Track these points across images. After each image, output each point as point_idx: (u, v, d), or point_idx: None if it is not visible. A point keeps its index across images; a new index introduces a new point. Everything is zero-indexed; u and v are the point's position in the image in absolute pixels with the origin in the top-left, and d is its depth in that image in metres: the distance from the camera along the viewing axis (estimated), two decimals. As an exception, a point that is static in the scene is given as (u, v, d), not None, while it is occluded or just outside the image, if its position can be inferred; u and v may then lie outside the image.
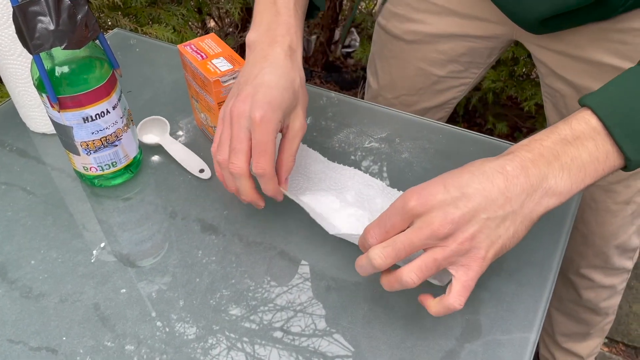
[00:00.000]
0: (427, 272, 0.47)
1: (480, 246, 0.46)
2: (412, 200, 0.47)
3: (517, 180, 0.46)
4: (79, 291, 0.60)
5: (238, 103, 0.56)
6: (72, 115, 0.62)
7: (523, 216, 0.47)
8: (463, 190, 0.46)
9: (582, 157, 0.47)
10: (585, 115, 0.48)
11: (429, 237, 0.46)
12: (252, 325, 0.56)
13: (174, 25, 1.31)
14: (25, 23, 0.55)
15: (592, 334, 1.10)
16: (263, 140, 0.55)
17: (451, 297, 0.48)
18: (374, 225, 0.50)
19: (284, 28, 0.61)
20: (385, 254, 0.48)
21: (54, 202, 0.69)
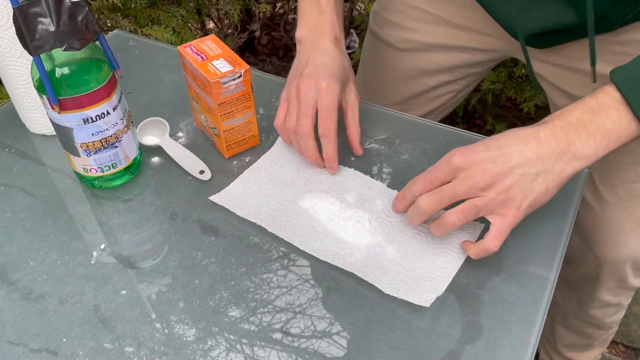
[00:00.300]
0: (467, 215, 0.55)
1: (516, 198, 0.53)
2: (456, 155, 0.54)
3: (549, 144, 0.54)
4: (79, 293, 0.59)
5: (304, 79, 0.66)
6: (72, 117, 0.62)
7: (554, 175, 0.54)
8: (501, 150, 0.54)
9: (607, 125, 0.54)
10: (610, 89, 0.55)
11: (470, 187, 0.54)
12: (252, 327, 0.56)
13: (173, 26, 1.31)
14: (25, 24, 0.55)
15: (594, 345, 1.09)
16: (328, 105, 0.65)
17: (488, 240, 0.55)
18: (420, 177, 0.58)
19: (329, 24, 0.71)
20: (432, 199, 0.56)
21: (54, 204, 0.69)
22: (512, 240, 0.63)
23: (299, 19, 0.73)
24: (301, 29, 0.72)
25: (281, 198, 0.67)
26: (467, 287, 0.59)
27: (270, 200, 0.67)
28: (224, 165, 0.73)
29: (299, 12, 0.73)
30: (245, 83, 0.67)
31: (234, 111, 0.69)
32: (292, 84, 0.68)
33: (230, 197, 0.67)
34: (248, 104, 0.70)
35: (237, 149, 0.73)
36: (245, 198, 0.67)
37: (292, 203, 0.66)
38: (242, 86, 0.67)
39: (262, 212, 0.65)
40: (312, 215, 0.65)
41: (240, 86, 0.67)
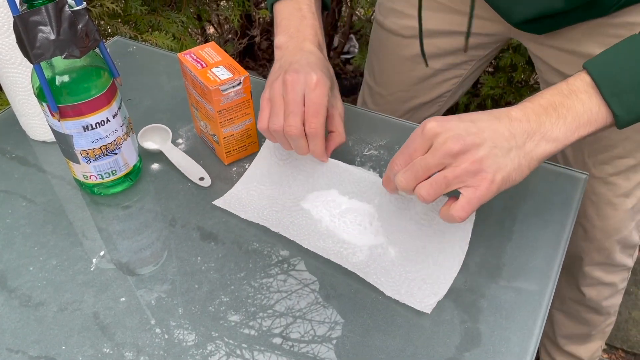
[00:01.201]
0: (437, 188, 0.53)
1: (488, 170, 0.52)
2: (430, 122, 0.53)
3: (520, 123, 0.53)
4: (79, 299, 0.60)
5: (291, 73, 0.62)
6: (72, 124, 0.62)
7: (525, 153, 0.53)
8: (475, 122, 0.53)
9: (577, 107, 0.54)
10: (581, 73, 0.55)
11: (443, 157, 0.52)
12: (252, 332, 0.57)
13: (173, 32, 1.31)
14: (26, 32, 0.55)
15: (593, 335, 1.10)
16: (317, 102, 0.61)
17: (454, 208, 0.53)
18: (398, 154, 0.56)
19: (312, 30, 0.68)
20: (406, 177, 0.54)
21: (53, 210, 0.69)
22: (511, 247, 0.63)
23: (277, 27, 0.69)
24: (281, 36, 0.68)
25: (283, 199, 0.67)
26: (465, 294, 0.59)
27: (272, 201, 0.67)
28: (223, 172, 0.73)
29: (278, 20, 0.70)
30: (245, 90, 0.68)
31: (233, 118, 0.69)
32: (277, 81, 0.63)
33: (233, 200, 0.68)
34: (247, 111, 0.70)
35: (237, 155, 0.73)
36: (248, 201, 0.68)
37: (294, 204, 0.67)
38: (242, 93, 0.68)
39: (266, 214, 0.66)
40: (314, 216, 0.65)
41: (239, 93, 0.67)
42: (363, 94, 1.06)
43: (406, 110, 0.99)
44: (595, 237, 0.91)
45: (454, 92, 0.97)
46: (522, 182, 0.54)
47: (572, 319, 1.08)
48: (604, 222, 0.88)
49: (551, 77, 0.83)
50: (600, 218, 0.88)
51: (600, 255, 0.93)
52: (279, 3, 0.70)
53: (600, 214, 0.88)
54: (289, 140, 0.63)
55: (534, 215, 0.66)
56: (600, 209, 0.87)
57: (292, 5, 0.69)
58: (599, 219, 0.88)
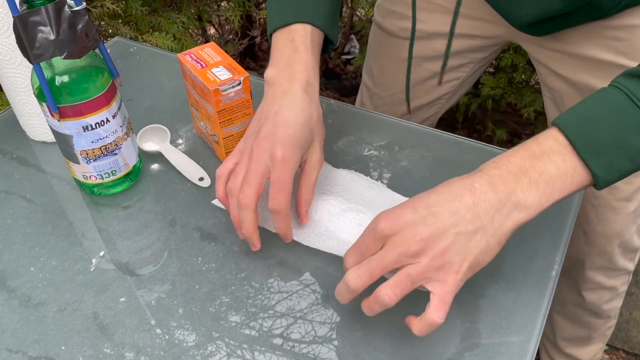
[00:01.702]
0: (402, 288, 0.48)
1: (454, 260, 0.48)
2: (382, 222, 0.49)
3: (486, 196, 0.48)
4: (78, 300, 0.60)
5: (259, 140, 0.58)
6: (72, 124, 0.62)
7: (493, 230, 0.48)
8: (431, 209, 0.48)
9: (550, 171, 0.49)
10: (553, 133, 0.50)
11: (401, 255, 0.48)
12: (252, 332, 0.56)
13: (174, 33, 1.31)
14: (25, 33, 0.55)
15: (593, 338, 1.10)
16: (282, 178, 0.57)
17: (430, 312, 0.48)
18: (350, 250, 0.52)
19: (302, 65, 0.63)
20: (359, 273, 0.49)
21: (53, 211, 0.69)
22: (511, 248, 0.63)
23: (271, 57, 0.66)
24: (270, 69, 0.64)
25: None
26: (465, 295, 0.59)
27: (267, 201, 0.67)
28: (223, 172, 0.73)
29: (272, 51, 0.66)
30: (245, 90, 0.68)
31: (233, 118, 0.69)
32: (249, 139, 0.60)
33: None
34: (247, 111, 0.70)
35: (237, 155, 0.73)
36: None
37: (294, 206, 0.67)
38: (242, 93, 0.68)
39: (265, 215, 0.66)
40: (314, 217, 0.65)
41: (239, 93, 0.67)
42: (362, 95, 1.06)
43: (404, 111, 0.99)
44: (596, 241, 0.90)
45: (452, 93, 0.97)
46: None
47: (573, 322, 1.08)
48: (605, 226, 0.88)
49: (551, 80, 0.83)
50: (601, 222, 0.88)
51: (601, 260, 0.93)
52: (275, 33, 0.67)
53: (601, 217, 0.87)
54: (239, 209, 0.58)
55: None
56: (601, 213, 0.87)
57: (286, 36, 0.65)
58: (600, 223, 0.88)
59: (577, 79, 0.78)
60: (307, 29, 0.65)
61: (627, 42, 0.70)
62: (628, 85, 0.49)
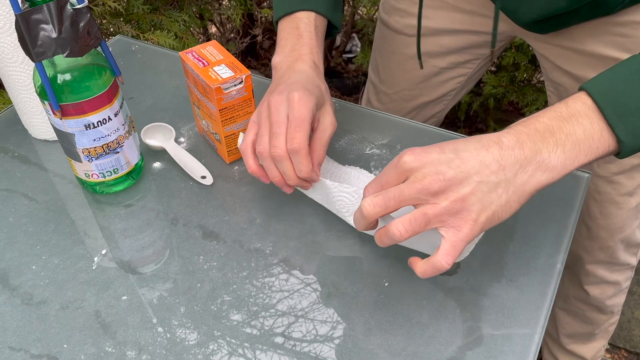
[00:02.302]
0: (415, 226, 0.48)
1: (472, 208, 0.47)
2: (407, 155, 0.48)
3: (512, 151, 0.48)
4: (80, 298, 0.60)
5: (274, 95, 0.60)
6: (74, 123, 0.62)
7: (515, 187, 0.48)
8: (459, 153, 0.48)
9: (577, 133, 0.48)
10: (581, 96, 0.50)
11: (420, 192, 0.47)
12: (254, 331, 0.56)
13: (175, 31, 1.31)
14: (27, 31, 0.55)
15: (596, 334, 1.10)
16: (300, 117, 0.58)
17: (439, 255, 0.48)
18: (371, 182, 0.51)
19: (307, 49, 0.66)
20: (375, 202, 0.49)
21: (55, 209, 0.69)
22: (513, 245, 0.63)
23: (277, 45, 0.69)
24: (277, 55, 0.67)
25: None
26: (467, 293, 0.59)
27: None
28: (225, 171, 0.73)
29: (278, 38, 0.69)
30: (247, 89, 0.68)
31: (235, 117, 0.69)
32: (263, 105, 0.62)
33: None
34: (249, 110, 0.70)
35: (239, 154, 0.73)
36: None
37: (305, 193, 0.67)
38: (243, 92, 0.68)
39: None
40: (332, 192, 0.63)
41: (241, 92, 0.67)
42: (368, 93, 1.06)
43: (411, 108, 0.99)
44: (598, 236, 0.91)
45: (458, 90, 0.97)
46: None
47: (576, 318, 1.08)
48: (607, 220, 0.88)
49: (556, 75, 0.83)
50: (603, 217, 0.88)
51: (603, 254, 0.93)
52: (281, 21, 0.70)
53: (603, 212, 0.87)
54: (276, 163, 0.59)
55: (536, 213, 0.66)
56: (604, 208, 0.87)
57: (290, 24, 0.68)
58: (602, 217, 0.88)
59: (581, 75, 0.78)
60: (311, 16, 0.68)
61: (632, 39, 0.70)
62: None
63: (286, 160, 0.59)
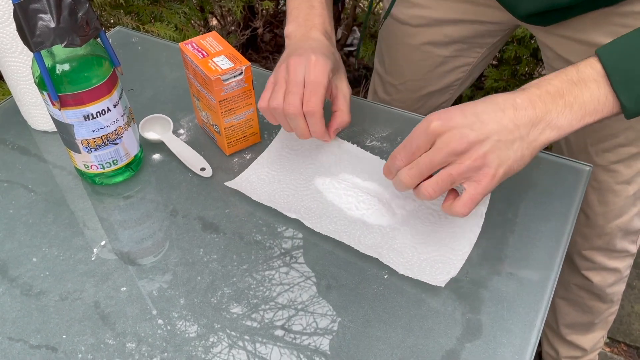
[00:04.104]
0: (442, 186, 0.54)
1: (491, 164, 0.52)
2: (434, 121, 0.53)
3: (525, 111, 0.53)
4: (80, 289, 0.60)
5: (293, 57, 0.64)
6: (73, 113, 0.62)
7: (528, 142, 0.54)
8: (479, 116, 0.53)
9: (584, 96, 0.53)
10: (592, 61, 0.54)
11: (448, 155, 0.53)
12: (253, 324, 0.56)
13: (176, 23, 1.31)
14: (26, 21, 0.55)
15: (596, 324, 1.10)
16: (316, 81, 0.62)
17: (458, 204, 0.54)
18: (401, 149, 0.56)
19: (320, 19, 0.70)
20: (411, 174, 0.55)
21: (55, 200, 0.69)
22: (513, 238, 0.63)
23: (288, 15, 0.72)
24: (290, 25, 0.70)
25: (295, 183, 0.68)
26: (467, 286, 0.59)
27: (284, 185, 0.68)
28: (224, 163, 0.73)
29: (288, 9, 0.72)
30: (246, 80, 0.67)
31: (234, 108, 0.69)
32: (281, 66, 0.65)
33: (244, 183, 0.68)
34: (249, 101, 0.70)
35: (238, 146, 0.73)
36: (259, 184, 0.68)
37: (306, 187, 0.67)
38: (243, 83, 0.67)
39: (277, 197, 0.66)
40: (326, 197, 0.65)
41: (241, 83, 0.67)
42: (374, 84, 1.06)
43: (417, 98, 0.99)
44: (596, 224, 0.91)
45: (464, 79, 0.97)
46: (525, 173, 0.54)
47: (576, 307, 1.08)
48: (605, 208, 0.89)
49: (558, 64, 0.83)
50: (601, 204, 0.89)
51: (601, 241, 0.94)
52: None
53: (601, 200, 0.88)
54: (288, 120, 0.64)
55: (536, 206, 0.66)
56: (602, 196, 0.88)
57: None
58: (600, 205, 0.89)
59: None
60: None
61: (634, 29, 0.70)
62: None
63: (299, 118, 0.63)
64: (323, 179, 0.67)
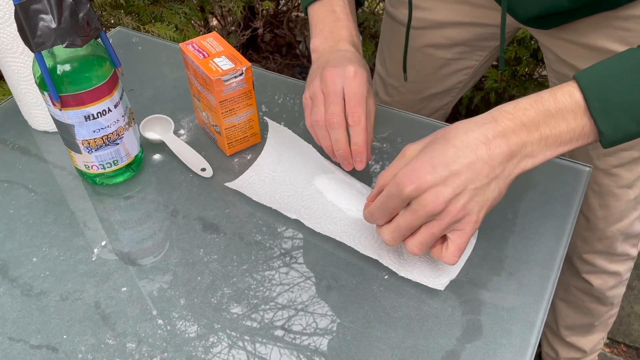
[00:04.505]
0: (427, 244, 0.54)
1: (472, 212, 0.52)
2: (407, 186, 0.51)
3: (499, 149, 0.51)
4: (80, 289, 0.60)
5: (329, 69, 0.63)
6: (73, 114, 0.62)
7: (504, 178, 0.52)
8: (450, 167, 0.51)
9: (561, 127, 0.51)
10: (570, 88, 0.52)
11: (426, 217, 0.52)
12: (253, 324, 0.56)
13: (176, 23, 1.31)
14: (27, 21, 0.55)
15: (596, 326, 1.10)
16: (358, 92, 0.62)
17: (447, 255, 0.54)
18: (377, 209, 0.55)
19: (346, 31, 0.69)
20: (394, 237, 0.55)
21: (55, 200, 0.69)
22: (513, 239, 0.63)
23: (312, 28, 0.70)
24: (316, 38, 0.69)
25: (294, 185, 0.68)
26: (467, 287, 0.59)
27: (283, 186, 0.68)
28: (225, 163, 0.73)
29: (313, 22, 0.71)
30: (247, 81, 0.67)
31: (235, 109, 0.69)
32: (315, 80, 0.64)
33: (245, 184, 0.68)
34: (249, 102, 0.70)
35: (239, 146, 0.73)
36: (260, 185, 0.68)
37: (306, 188, 0.67)
38: (244, 84, 0.67)
39: (277, 198, 0.66)
40: (326, 198, 0.65)
41: (241, 84, 0.67)
42: (375, 85, 1.06)
43: (419, 100, 0.99)
44: (597, 227, 0.91)
45: (466, 82, 0.97)
46: (526, 175, 0.54)
47: (576, 309, 1.08)
48: (606, 212, 0.89)
49: (559, 66, 0.83)
50: (602, 208, 0.88)
51: (601, 245, 0.94)
52: (312, 5, 0.71)
53: (602, 204, 0.88)
54: (330, 131, 0.62)
55: (536, 207, 0.66)
56: (603, 199, 0.87)
57: (325, 7, 0.70)
58: (601, 209, 0.89)
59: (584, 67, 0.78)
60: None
61: (635, 32, 0.70)
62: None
63: (341, 129, 0.62)
64: (323, 180, 0.68)
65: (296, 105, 0.81)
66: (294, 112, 0.80)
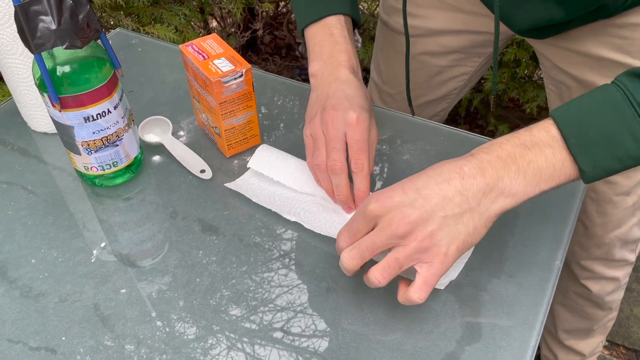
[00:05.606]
0: (390, 272, 0.50)
1: (441, 243, 0.49)
2: (372, 204, 0.50)
3: (474, 180, 0.49)
4: (79, 291, 0.59)
5: (329, 111, 0.62)
6: (73, 115, 0.62)
7: (480, 213, 0.49)
8: (420, 191, 0.49)
9: (539, 162, 0.50)
10: (547, 125, 0.51)
11: (390, 237, 0.49)
12: (252, 326, 0.56)
13: (176, 25, 1.31)
14: (26, 22, 0.55)
15: (595, 330, 1.10)
16: (360, 140, 0.61)
17: (412, 291, 0.50)
18: (343, 230, 0.53)
19: (345, 55, 0.67)
20: (352, 256, 0.52)
21: (54, 202, 0.69)
22: (513, 242, 0.63)
23: (310, 52, 0.69)
24: (314, 63, 0.68)
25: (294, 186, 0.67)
26: (467, 289, 0.59)
27: (282, 188, 0.67)
28: (224, 165, 0.73)
29: (310, 45, 0.70)
30: (247, 82, 0.67)
31: (235, 110, 0.69)
32: (316, 119, 0.64)
33: (244, 185, 0.68)
34: (249, 103, 0.70)
35: (238, 148, 0.73)
36: (259, 187, 0.68)
37: (304, 190, 0.67)
38: (243, 85, 0.67)
39: (276, 199, 0.66)
40: (325, 199, 0.65)
41: (241, 85, 0.67)
42: (370, 92, 1.05)
43: (415, 107, 0.99)
44: (595, 234, 0.91)
45: (461, 88, 0.97)
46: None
47: (574, 314, 1.08)
48: (604, 219, 0.88)
49: (555, 73, 0.83)
50: (600, 215, 0.88)
51: (600, 251, 0.94)
52: (310, 28, 0.70)
53: (600, 211, 0.88)
54: (332, 177, 0.62)
55: (536, 210, 0.66)
56: (601, 207, 0.87)
57: (323, 30, 0.69)
58: (599, 216, 0.88)
59: (580, 75, 0.77)
60: (341, 19, 0.69)
61: (631, 40, 0.70)
62: (627, 85, 0.49)
63: (343, 175, 0.61)
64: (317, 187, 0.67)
65: (295, 107, 0.81)
66: (294, 113, 0.80)
